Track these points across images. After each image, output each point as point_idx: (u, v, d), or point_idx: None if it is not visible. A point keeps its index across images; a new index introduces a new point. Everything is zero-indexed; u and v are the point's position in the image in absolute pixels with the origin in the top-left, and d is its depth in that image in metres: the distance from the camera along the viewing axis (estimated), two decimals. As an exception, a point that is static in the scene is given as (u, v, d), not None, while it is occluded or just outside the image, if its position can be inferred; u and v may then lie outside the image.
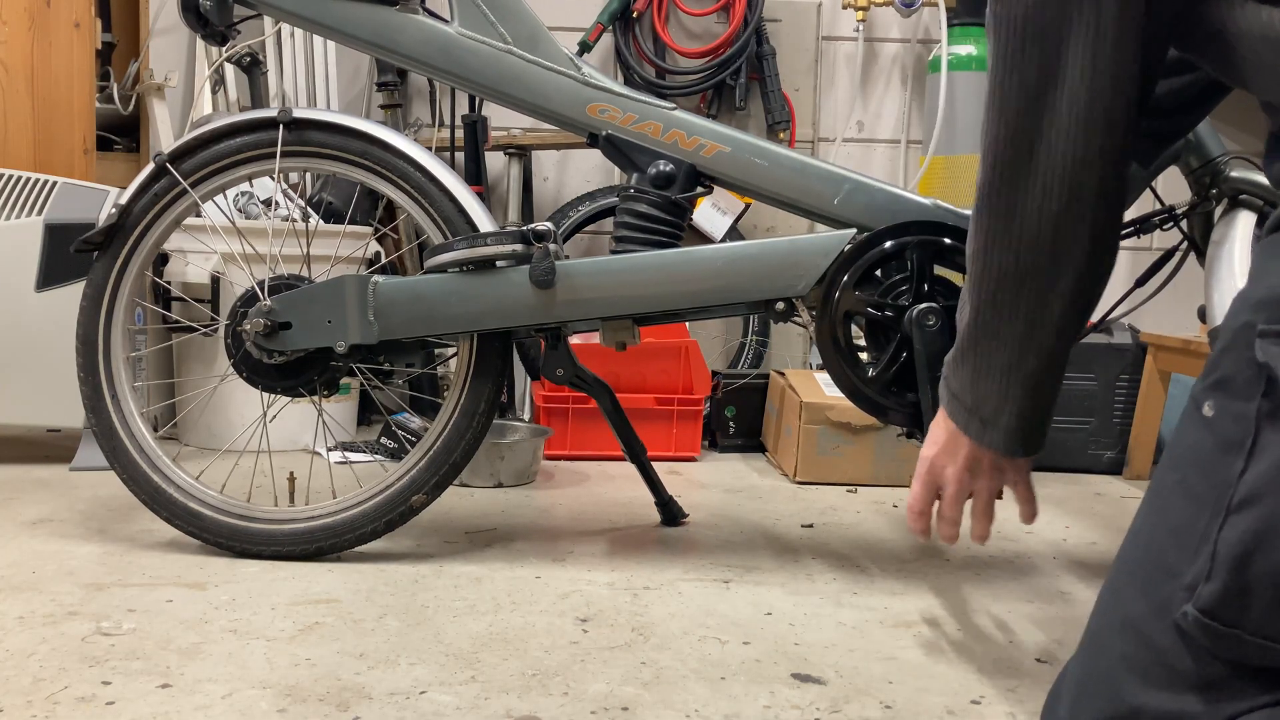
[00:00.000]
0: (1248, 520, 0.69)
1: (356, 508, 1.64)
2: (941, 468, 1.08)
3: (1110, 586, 0.81)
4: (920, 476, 1.10)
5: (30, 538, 1.72)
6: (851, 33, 3.13)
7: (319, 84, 3.04)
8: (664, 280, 1.57)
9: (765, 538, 1.86)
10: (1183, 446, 0.77)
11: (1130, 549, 0.80)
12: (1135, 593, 0.77)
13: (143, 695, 1.14)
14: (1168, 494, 0.77)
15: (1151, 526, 0.78)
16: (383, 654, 1.27)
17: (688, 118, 1.62)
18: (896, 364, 1.50)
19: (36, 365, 2.21)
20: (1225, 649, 0.69)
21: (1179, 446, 0.78)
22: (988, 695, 1.21)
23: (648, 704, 1.15)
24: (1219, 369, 0.75)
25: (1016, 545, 1.88)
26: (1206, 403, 0.75)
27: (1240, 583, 0.68)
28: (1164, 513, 0.76)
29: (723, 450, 2.69)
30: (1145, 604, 0.75)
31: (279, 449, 2.17)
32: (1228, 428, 0.72)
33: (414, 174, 1.65)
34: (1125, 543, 0.81)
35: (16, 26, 2.49)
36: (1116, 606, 0.79)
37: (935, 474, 1.09)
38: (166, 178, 1.68)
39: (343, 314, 1.60)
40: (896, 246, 1.50)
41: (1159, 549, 0.75)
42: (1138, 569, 0.77)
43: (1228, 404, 0.73)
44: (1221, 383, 0.74)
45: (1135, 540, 0.80)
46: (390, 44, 1.64)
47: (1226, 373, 0.74)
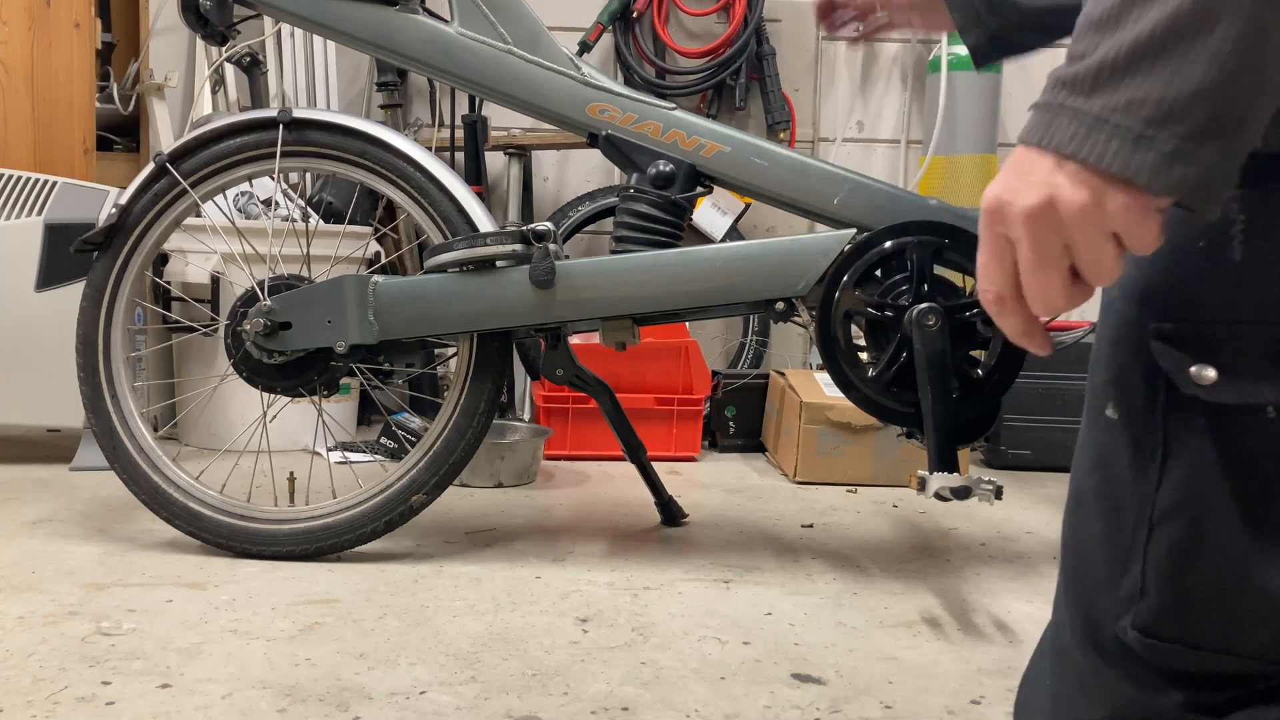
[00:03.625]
0: (1173, 533, 0.67)
1: (356, 508, 1.64)
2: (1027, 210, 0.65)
3: (1055, 598, 0.78)
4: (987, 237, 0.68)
5: (30, 538, 1.72)
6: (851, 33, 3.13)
7: (319, 84, 3.04)
8: (664, 280, 1.57)
9: (765, 538, 1.86)
10: (1093, 448, 0.73)
11: (1065, 557, 0.77)
12: (1070, 607, 0.75)
13: (143, 695, 1.14)
14: (1089, 501, 0.74)
15: (1077, 535, 0.75)
16: (383, 654, 1.27)
17: (688, 118, 1.62)
18: (896, 364, 1.50)
19: (36, 365, 2.21)
20: (1167, 661, 0.68)
21: (1090, 448, 0.74)
22: (988, 695, 1.21)
23: (648, 704, 1.15)
24: (1113, 363, 0.70)
25: (1016, 545, 1.88)
26: (1109, 404, 0.71)
27: (1176, 596, 0.67)
28: (1086, 520, 0.74)
29: (723, 450, 2.69)
30: (1081, 621, 0.73)
31: (279, 449, 2.17)
32: (1135, 432, 0.69)
33: (414, 174, 1.65)
34: (1061, 552, 0.78)
35: (16, 26, 2.49)
36: (1057, 618, 0.77)
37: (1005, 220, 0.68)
38: (166, 178, 1.68)
39: (343, 314, 1.60)
40: (896, 246, 1.50)
41: (1089, 561, 0.73)
42: (1071, 582, 0.75)
43: (1129, 407, 0.69)
44: (1118, 382, 0.70)
45: (1066, 551, 0.77)
46: (390, 44, 1.64)
47: (1122, 371, 0.70)
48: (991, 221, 0.66)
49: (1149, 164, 0.61)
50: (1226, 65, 0.59)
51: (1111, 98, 0.62)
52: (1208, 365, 0.65)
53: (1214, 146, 0.60)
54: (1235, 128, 0.60)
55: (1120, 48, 0.61)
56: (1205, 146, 0.60)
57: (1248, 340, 0.65)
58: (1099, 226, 0.63)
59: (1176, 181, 0.60)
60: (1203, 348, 0.65)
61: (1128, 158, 0.61)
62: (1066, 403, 2.55)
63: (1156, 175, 0.61)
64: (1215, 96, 0.60)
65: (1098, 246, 0.63)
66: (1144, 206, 0.62)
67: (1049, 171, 0.64)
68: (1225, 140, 0.60)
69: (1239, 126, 0.60)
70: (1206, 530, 0.66)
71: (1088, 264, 0.64)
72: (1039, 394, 2.54)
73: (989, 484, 1.42)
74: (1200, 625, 0.67)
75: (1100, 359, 0.72)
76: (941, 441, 1.45)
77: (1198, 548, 0.66)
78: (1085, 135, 0.62)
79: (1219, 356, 0.65)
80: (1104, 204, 0.62)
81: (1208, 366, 0.65)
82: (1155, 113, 0.60)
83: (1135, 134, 0.61)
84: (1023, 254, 0.65)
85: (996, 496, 1.42)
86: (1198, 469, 0.66)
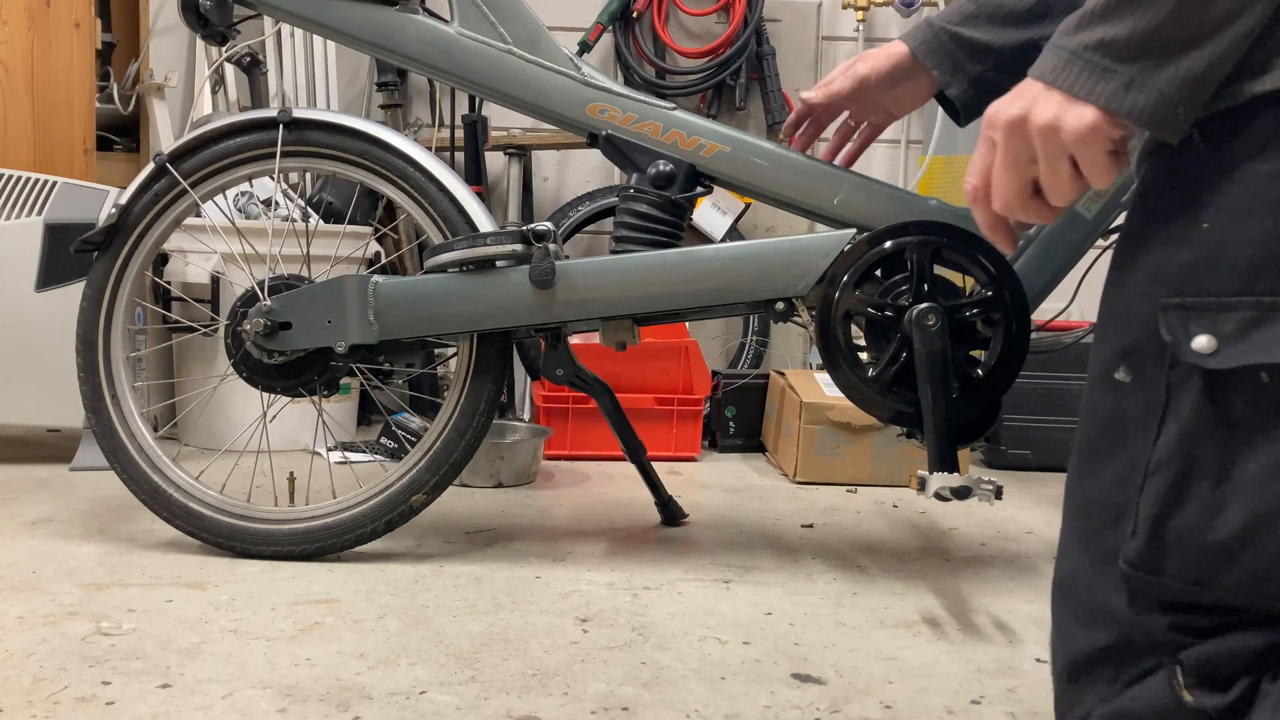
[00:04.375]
0: (1159, 484, 0.76)
1: (356, 508, 1.64)
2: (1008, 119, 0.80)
3: (1061, 543, 0.88)
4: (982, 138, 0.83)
5: (30, 538, 1.72)
6: (851, 33, 3.13)
7: (319, 84, 3.04)
8: (664, 280, 1.57)
9: (765, 538, 1.86)
10: (1103, 408, 0.83)
11: (1071, 506, 0.86)
12: (1080, 547, 0.84)
13: (143, 695, 1.14)
14: (1100, 454, 0.83)
15: (1088, 484, 0.85)
16: (383, 654, 1.27)
17: (688, 118, 1.62)
18: (896, 364, 1.50)
19: (36, 365, 2.21)
20: (1153, 591, 0.78)
21: (1100, 408, 0.83)
22: (988, 695, 1.21)
23: (648, 704, 1.15)
24: (1125, 334, 0.80)
25: (1016, 545, 1.88)
26: (1120, 368, 0.80)
27: (1158, 538, 0.77)
28: (1098, 471, 0.83)
29: (723, 450, 2.69)
30: (1089, 557, 0.83)
31: (279, 449, 2.17)
32: (1144, 393, 0.78)
33: (414, 174, 1.65)
34: (1065, 501, 0.87)
35: (16, 26, 2.49)
36: (1065, 562, 0.86)
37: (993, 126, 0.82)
38: (166, 178, 1.68)
39: (343, 314, 1.60)
40: (896, 246, 1.50)
41: (1099, 506, 0.82)
42: (1080, 525, 0.85)
43: (1140, 372, 0.79)
44: (1130, 350, 0.80)
45: (1074, 499, 0.86)
46: (390, 44, 1.64)
47: (1134, 341, 0.79)
48: (985, 127, 0.82)
49: (1108, 91, 0.75)
50: (1176, 11, 0.72)
51: (1088, 36, 0.76)
52: (1209, 335, 0.74)
53: (1163, 78, 0.74)
54: (1184, 65, 0.73)
55: None
56: (1155, 77, 0.74)
57: (1243, 312, 0.73)
58: (1058, 144, 0.77)
59: (1129, 106, 0.75)
60: (1206, 321, 0.74)
61: (1092, 86, 0.76)
62: (1066, 403, 2.55)
63: (1113, 99, 0.75)
64: (1165, 38, 0.73)
65: (1055, 162, 0.78)
66: (1094, 129, 0.76)
67: (1034, 95, 0.79)
68: (1173, 73, 0.74)
69: (1188, 64, 0.73)
70: (1190, 480, 0.75)
71: (1044, 176, 0.79)
72: (1039, 394, 2.54)
73: (989, 484, 1.43)
74: (1178, 562, 0.76)
75: (1109, 328, 0.83)
76: (941, 441, 1.45)
77: (1182, 495, 0.76)
78: (1064, 67, 0.77)
79: (1219, 327, 0.74)
80: (1063, 122, 0.76)
81: (1209, 337, 0.74)
82: (1119, 51, 0.75)
83: (1102, 67, 0.76)
84: (997, 155, 0.81)
85: (996, 496, 1.42)
86: (1190, 426, 0.75)
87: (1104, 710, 0.83)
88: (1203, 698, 0.77)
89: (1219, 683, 0.78)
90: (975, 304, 1.48)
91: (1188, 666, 0.79)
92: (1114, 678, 0.83)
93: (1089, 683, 0.84)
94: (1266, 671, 0.76)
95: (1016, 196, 0.81)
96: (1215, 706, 0.77)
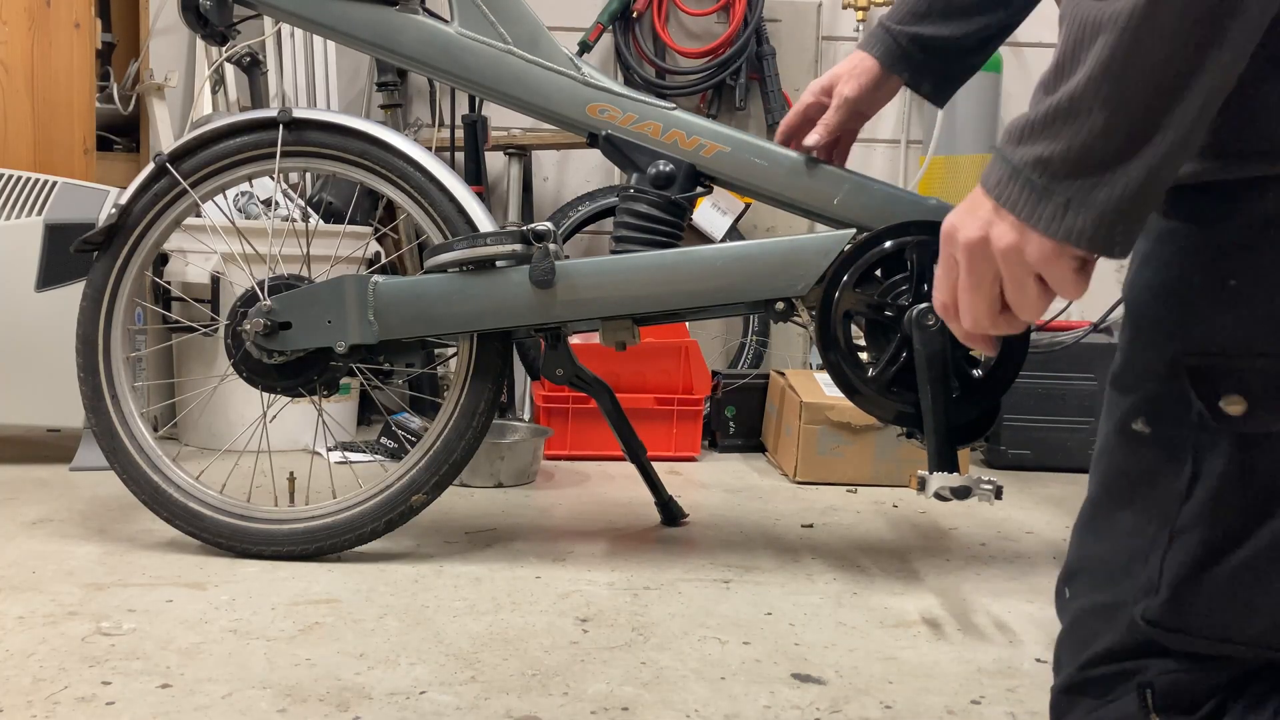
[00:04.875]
0: (1190, 546, 0.77)
1: (356, 507, 1.64)
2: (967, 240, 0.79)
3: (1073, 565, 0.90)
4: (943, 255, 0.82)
5: (30, 538, 1.72)
6: (851, 33, 3.13)
7: (319, 84, 3.04)
8: (664, 280, 1.57)
9: (765, 538, 1.86)
10: (1122, 455, 0.83)
11: (1087, 542, 0.88)
12: (1096, 586, 0.86)
13: (143, 695, 1.14)
14: (1118, 499, 0.84)
15: (1102, 528, 0.86)
16: (383, 654, 1.27)
17: (688, 118, 1.62)
18: (896, 364, 1.50)
19: (36, 365, 2.21)
20: (1170, 642, 0.79)
21: (1119, 454, 0.84)
22: (988, 695, 1.21)
23: (648, 704, 1.15)
24: (1144, 386, 0.80)
25: (1016, 545, 1.88)
26: (1138, 419, 0.81)
27: (1181, 597, 0.78)
28: (1112, 516, 0.84)
29: (723, 450, 2.69)
30: (1104, 597, 0.85)
31: (279, 449, 2.17)
32: (1164, 448, 0.79)
33: (414, 174, 1.65)
34: (1080, 534, 0.89)
35: (16, 26, 2.49)
36: (1079, 594, 0.88)
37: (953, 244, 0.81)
38: (166, 178, 1.68)
39: (343, 314, 1.60)
40: (896, 246, 1.50)
41: (1113, 551, 0.84)
42: (1095, 565, 0.86)
43: (1159, 423, 0.79)
44: (1150, 402, 0.80)
45: (1091, 536, 0.88)
46: (390, 44, 1.64)
47: (1154, 394, 0.79)
48: (945, 243, 0.80)
49: (1048, 214, 0.72)
50: (1108, 126, 0.70)
51: (1028, 152, 0.73)
52: (1237, 396, 0.74)
53: (1100, 196, 0.71)
54: (1120, 182, 0.70)
55: (1041, 110, 0.73)
56: (1092, 196, 0.71)
57: (1270, 371, 0.73)
58: (1021, 266, 0.75)
59: (1066, 230, 0.72)
60: (1232, 380, 0.74)
61: (1033, 208, 0.73)
62: (1066, 403, 2.55)
63: (1053, 223, 0.72)
64: (1100, 154, 0.70)
65: (1021, 282, 0.75)
66: (1057, 252, 0.73)
67: (988, 215, 0.76)
68: (1109, 191, 0.71)
69: (1124, 180, 0.70)
70: (1221, 542, 0.76)
71: (1011, 296, 0.77)
72: (1039, 394, 2.54)
73: (989, 484, 1.43)
74: (1203, 619, 0.77)
75: (1128, 376, 0.83)
76: (941, 441, 1.45)
77: (1213, 556, 0.76)
78: (1007, 182, 0.74)
79: (1247, 387, 0.73)
80: (1025, 247, 0.74)
81: (1237, 398, 0.74)
82: (1056, 169, 0.72)
83: (1040, 187, 0.73)
84: (961, 276, 0.79)
85: (996, 496, 1.42)
86: (1220, 490, 0.76)
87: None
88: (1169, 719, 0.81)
89: (1186, 707, 0.81)
90: (975, 304, 1.48)
91: (1159, 690, 0.81)
92: (1098, 696, 0.86)
93: (1078, 698, 0.87)
94: (1232, 694, 0.80)
95: (986, 314, 0.79)
96: None
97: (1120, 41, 0.69)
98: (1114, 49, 0.69)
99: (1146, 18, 0.68)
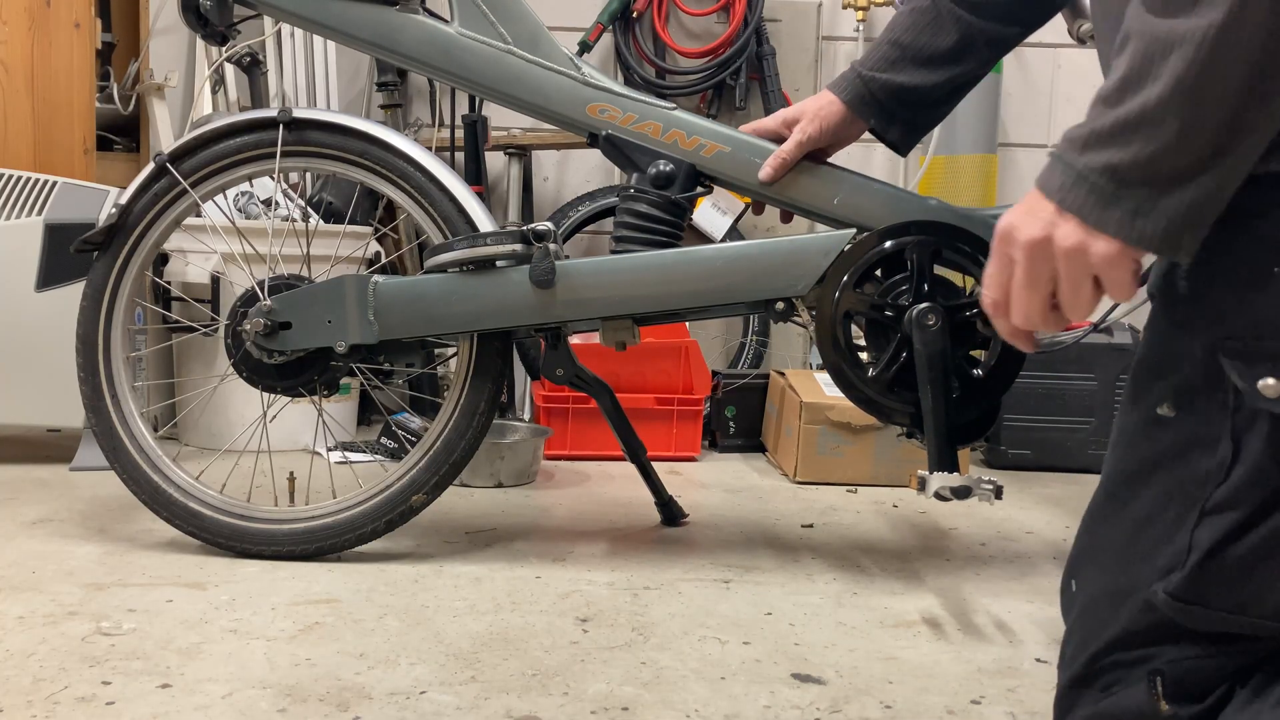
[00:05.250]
0: (1223, 523, 0.79)
1: (356, 507, 1.64)
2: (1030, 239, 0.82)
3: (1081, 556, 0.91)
4: (996, 253, 0.86)
5: (30, 538, 1.72)
6: (851, 33, 3.13)
7: (319, 84, 3.04)
8: (664, 280, 1.57)
9: (765, 538, 1.86)
10: (1141, 440, 0.85)
11: (1098, 531, 0.90)
12: (1107, 573, 0.87)
13: (143, 695, 1.14)
14: (1132, 484, 0.86)
15: (1117, 514, 0.87)
16: (383, 654, 1.27)
17: (688, 118, 1.62)
18: (896, 364, 1.50)
19: (36, 365, 2.21)
20: (1188, 619, 0.81)
21: (1137, 439, 0.86)
22: (988, 695, 1.21)
23: (648, 704, 1.15)
24: (1175, 371, 0.82)
25: (1016, 545, 1.88)
26: (1164, 403, 0.83)
27: (1207, 571, 0.80)
28: (1128, 503, 0.86)
29: (723, 450, 2.69)
30: (1116, 583, 0.86)
31: (279, 449, 2.17)
32: (1191, 429, 0.81)
33: (414, 174, 1.65)
34: (1090, 524, 0.91)
35: (16, 26, 2.49)
36: (1088, 584, 0.90)
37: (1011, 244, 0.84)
38: (167, 177, 1.68)
39: (343, 314, 1.60)
40: (896, 246, 1.50)
41: (1128, 535, 0.85)
42: (1107, 552, 0.88)
43: (1189, 406, 0.81)
44: (1181, 385, 0.82)
45: (1102, 524, 0.89)
46: (391, 44, 1.64)
47: (1186, 379, 0.81)
48: (1001, 243, 0.84)
49: (1116, 219, 0.77)
50: (1181, 137, 0.74)
51: (1095, 158, 0.77)
52: (1273, 378, 0.76)
53: (1169, 204, 0.75)
54: (1189, 191, 0.75)
55: (1109, 121, 0.77)
56: (1162, 203, 0.75)
57: None
58: (1082, 267, 0.79)
59: (1137, 235, 0.77)
60: (1268, 365, 0.76)
61: (1101, 212, 0.77)
62: (1066, 403, 2.55)
63: (1122, 228, 0.77)
64: (1171, 164, 0.74)
65: (1078, 283, 0.80)
66: (1121, 255, 0.78)
67: (1050, 216, 0.80)
68: (1179, 200, 0.75)
69: (1193, 191, 0.75)
70: (1254, 519, 0.78)
71: (1066, 296, 0.81)
72: (1039, 394, 2.54)
73: (989, 483, 1.43)
74: (1224, 593, 0.79)
75: (1155, 362, 0.85)
76: (941, 441, 1.45)
77: (1242, 532, 0.78)
78: (1071, 187, 0.79)
79: None
80: (1089, 249, 0.78)
81: (1273, 379, 0.76)
82: (1125, 175, 0.76)
83: (1109, 192, 0.77)
84: (1017, 274, 0.83)
85: (996, 496, 1.42)
86: (1258, 468, 0.77)
87: (1085, 713, 0.88)
88: (1178, 708, 0.82)
89: (1195, 694, 0.83)
90: (975, 304, 1.48)
91: (1169, 678, 0.83)
92: (1106, 687, 0.87)
93: (1085, 690, 0.88)
94: (1240, 681, 0.82)
95: (1038, 312, 0.83)
96: (1190, 714, 0.83)
97: (1196, 58, 0.72)
98: (1189, 64, 0.72)
99: (1224, 37, 0.71)
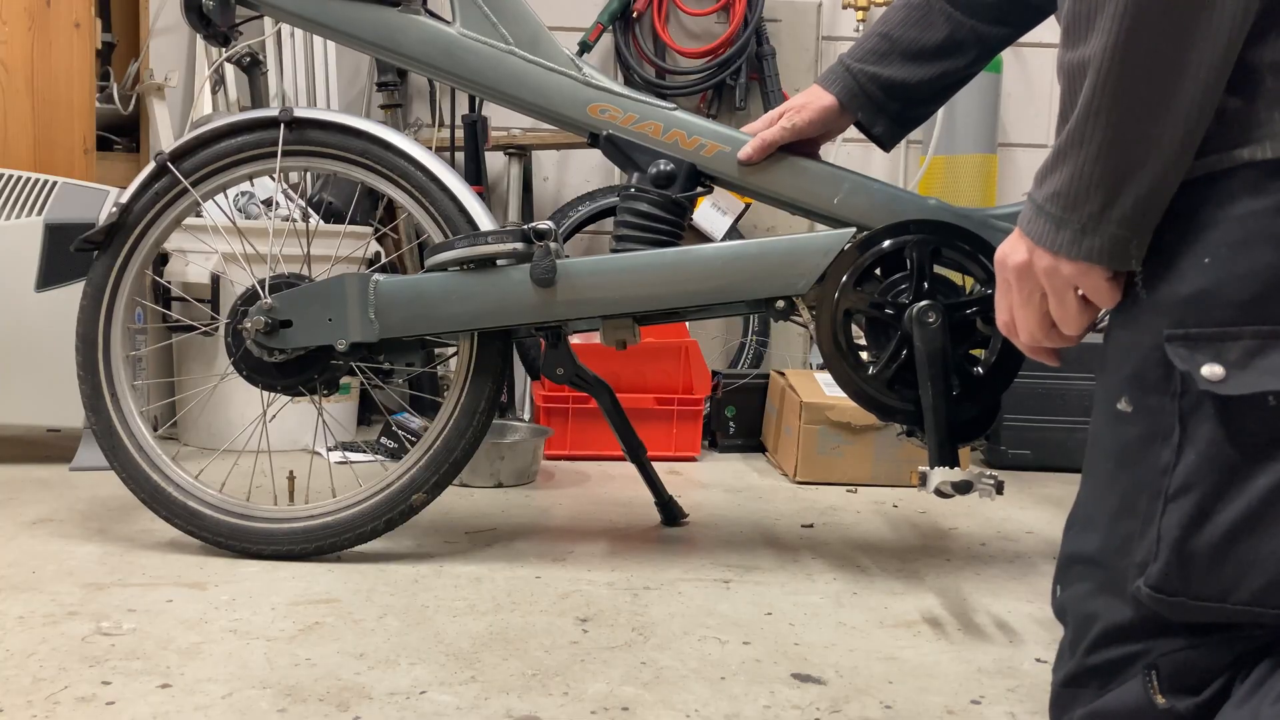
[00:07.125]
0: (1185, 507, 0.80)
1: (356, 507, 1.64)
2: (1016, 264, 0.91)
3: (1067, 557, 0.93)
4: (998, 279, 0.95)
5: (30, 538, 1.72)
6: (851, 33, 3.13)
7: (319, 84, 3.04)
8: (664, 279, 1.57)
9: (765, 538, 1.86)
10: (1108, 438, 0.88)
11: (1079, 530, 0.91)
12: (1091, 570, 0.88)
13: (143, 695, 1.14)
14: (1105, 483, 0.88)
15: (1094, 513, 0.90)
16: (383, 654, 1.27)
17: (688, 118, 1.62)
18: (897, 362, 1.50)
19: (36, 365, 2.21)
20: (1172, 612, 0.82)
21: (1104, 438, 0.89)
22: (988, 695, 1.21)
23: (648, 704, 1.15)
24: (1127, 364, 0.85)
25: (1016, 545, 1.88)
26: (1121, 398, 0.86)
27: (1181, 560, 0.80)
28: (1102, 500, 0.88)
29: (723, 450, 2.69)
30: (1100, 580, 0.87)
31: (279, 448, 2.17)
32: (1149, 422, 0.83)
33: (414, 173, 1.65)
34: (1071, 524, 0.93)
35: (16, 26, 2.49)
36: (1075, 583, 0.91)
37: (1004, 270, 0.93)
38: (167, 177, 1.68)
39: (343, 312, 1.60)
40: (896, 245, 1.50)
41: (1105, 532, 0.87)
42: (1089, 549, 0.89)
43: (1142, 400, 0.84)
44: (1134, 379, 0.85)
45: (1082, 523, 0.91)
46: (392, 44, 1.64)
47: (1136, 370, 0.84)
48: (998, 269, 0.93)
49: (1065, 240, 0.85)
50: (1102, 152, 0.81)
51: (1045, 189, 0.86)
52: (1217, 364, 0.78)
53: (1111, 218, 0.82)
54: (1124, 201, 0.81)
55: (1050, 152, 0.85)
56: (1104, 218, 0.83)
57: (1246, 341, 0.78)
58: (1061, 283, 0.87)
59: (1085, 251, 0.84)
60: (1210, 350, 0.79)
61: (1054, 236, 0.86)
62: (1066, 403, 2.55)
63: (1071, 247, 0.85)
64: (1099, 179, 0.82)
65: (1062, 296, 0.88)
66: (1087, 270, 0.85)
67: (1029, 243, 0.88)
68: (1118, 211, 0.82)
69: (1128, 199, 0.81)
70: (1213, 502, 0.79)
71: (1055, 311, 0.90)
72: (1039, 394, 2.54)
73: (990, 478, 1.42)
74: (1200, 581, 0.80)
75: (1113, 360, 0.88)
76: (942, 438, 1.45)
77: (1206, 516, 0.79)
78: (1033, 219, 0.88)
79: (1225, 356, 0.78)
80: (1059, 269, 0.86)
81: (1217, 365, 0.78)
82: (1066, 199, 0.84)
83: (1057, 218, 0.85)
84: (1014, 295, 0.92)
85: (998, 491, 1.42)
86: (1208, 451, 0.79)
87: (1082, 711, 0.89)
88: (1175, 701, 0.83)
89: (1192, 686, 0.84)
90: (975, 302, 1.49)
91: (1163, 673, 0.84)
92: (1102, 684, 0.88)
93: (1081, 689, 0.89)
94: (1238, 673, 0.82)
95: (1039, 327, 0.92)
96: (1187, 707, 0.83)
97: (1096, 80, 0.79)
98: (1092, 87, 0.80)
99: (1118, 55, 0.78)
